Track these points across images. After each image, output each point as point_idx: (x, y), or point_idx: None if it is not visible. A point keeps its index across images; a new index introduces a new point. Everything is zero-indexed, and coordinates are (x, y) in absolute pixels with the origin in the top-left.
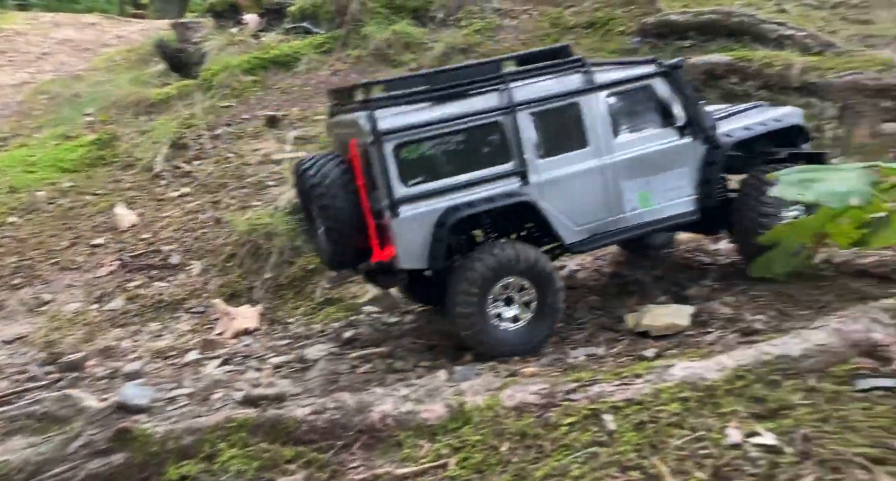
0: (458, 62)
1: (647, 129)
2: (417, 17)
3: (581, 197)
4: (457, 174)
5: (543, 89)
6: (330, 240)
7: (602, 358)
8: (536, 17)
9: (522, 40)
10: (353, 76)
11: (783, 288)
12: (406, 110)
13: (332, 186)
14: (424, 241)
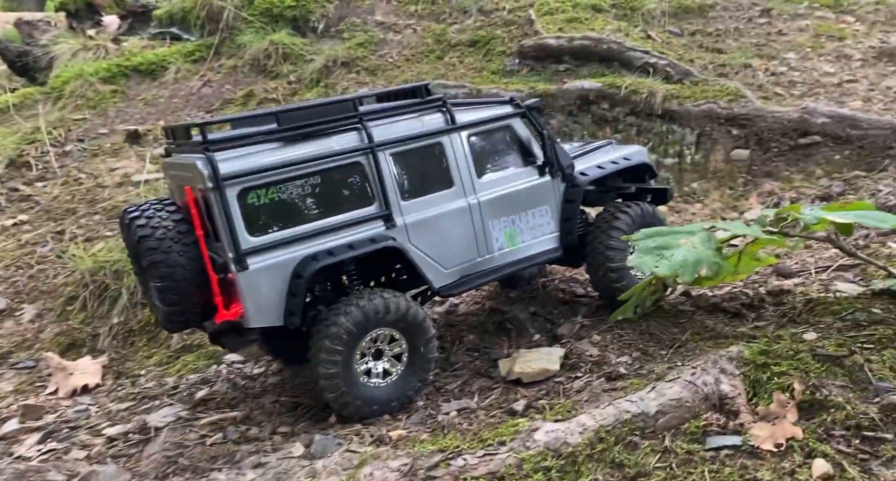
0: (340, 76)
1: (509, 168)
2: (297, 28)
3: (449, 238)
4: (314, 220)
5: (405, 128)
6: (164, 301)
7: (474, 412)
8: (420, 32)
9: (406, 56)
10: (227, 87)
11: (645, 325)
12: (251, 152)
13: (164, 239)
14: (279, 296)
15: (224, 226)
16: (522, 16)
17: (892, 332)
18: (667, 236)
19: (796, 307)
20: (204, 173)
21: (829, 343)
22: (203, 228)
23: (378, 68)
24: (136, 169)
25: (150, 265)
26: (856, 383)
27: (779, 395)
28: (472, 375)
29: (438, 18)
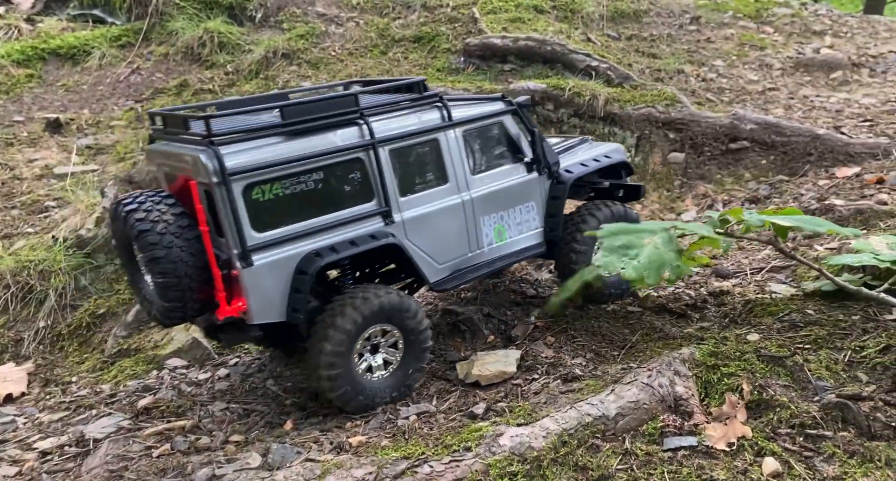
0: (281, 68)
1: (499, 165)
2: (233, 16)
3: (444, 234)
4: (316, 216)
5: (404, 124)
6: (164, 297)
7: (433, 415)
8: (363, 26)
9: (349, 49)
10: (158, 76)
11: (597, 326)
12: (256, 146)
13: (165, 233)
14: (282, 292)
15: (229, 222)
16: (466, 13)
17: (825, 333)
18: (631, 234)
19: (736, 308)
20: (209, 167)
21: (771, 344)
22: (207, 223)
23: (320, 61)
24: (59, 160)
25: (151, 261)
26: (797, 383)
27: (730, 396)
28: (429, 378)
29: (381, 12)
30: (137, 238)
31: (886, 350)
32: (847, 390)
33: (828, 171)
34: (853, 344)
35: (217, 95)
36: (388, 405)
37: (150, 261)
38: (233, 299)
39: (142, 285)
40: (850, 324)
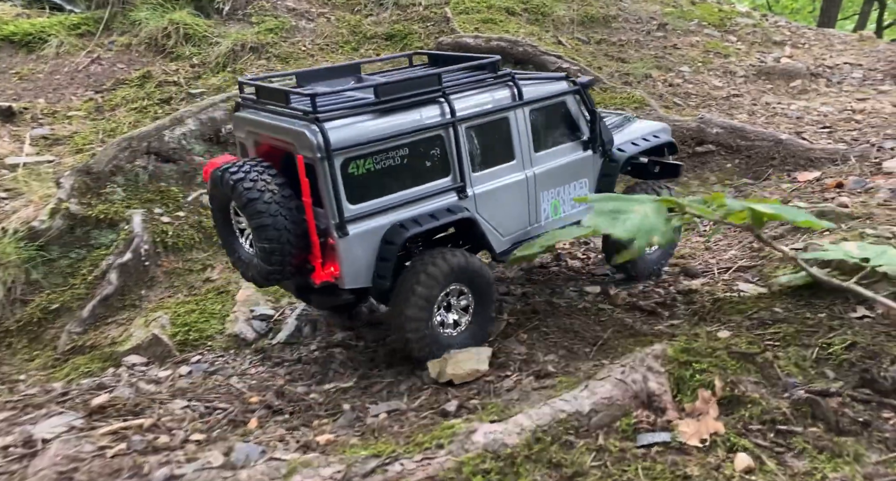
0: (249, 61)
1: (559, 143)
2: (200, 8)
3: (508, 208)
4: (399, 190)
5: (479, 102)
6: (267, 261)
7: (404, 413)
8: (334, 22)
9: (320, 45)
10: (120, 66)
11: (569, 323)
12: (353, 122)
13: (272, 203)
14: (370, 260)
15: (329, 195)
16: (439, 13)
17: (793, 330)
18: (621, 202)
19: (705, 306)
20: (314, 143)
21: (742, 340)
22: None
23: (290, 56)
24: (11, 150)
25: (259, 228)
26: (767, 379)
27: (702, 392)
28: (399, 376)
29: (353, 9)
30: (246, 206)
31: (852, 347)
32: (815, 386)
33: (790, 175)
34: (820, 341)
35: (182, 88)
36: None
37: (257, 228)
38: (326, 265)
39: (236, 247)
40: (816, 322)
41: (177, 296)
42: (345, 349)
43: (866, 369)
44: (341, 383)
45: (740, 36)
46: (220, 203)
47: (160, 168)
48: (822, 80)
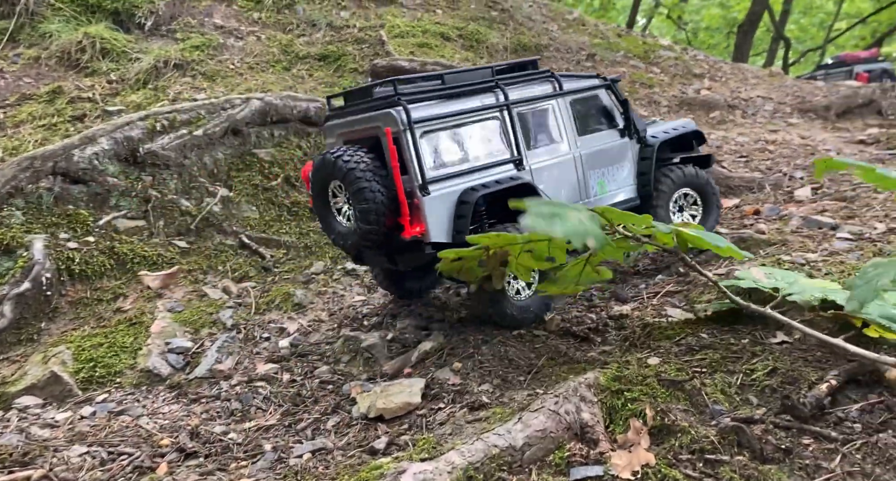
0: (172, 79)
1: (599, 130)
2: (119, 22)
3: (561, 182)
4: (469, 160)
5: (528, 92)
6: (364, 221)
7: (330, 453)
8: (265, 40)
9: (249, 63)
10: (27, 80)
11: (504, 350)
12: (426, 105)
13: (367, 170)
14: (449, 218)
15: (413, 160)
16: (373, 35)
17: (719, 356)
18: (556, 207)
19: (636, 332)
20: (399, 118)
21: (671, 367)
22: (397, 163)
23: (217, 74)
24: None
25: (357, 191)
26: (695, 406)
27: (634, 422)
28: (326, 411)
29: (285, 29)
30: (346, 175)
31: (773, 372)
32: (741, 413)
33: None
34: (744, 367)
35: (97, 104)
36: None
37: (356, 191)
38: (413, 223)
39: (335, 225)
40: (740, 348)
41: (83, 328)
42: (268, 383)
43: (787, 395)
44: (263, 421)
45: (663, 68)
46: (321, 186)
47: (68, 190)
48: (739, 111)
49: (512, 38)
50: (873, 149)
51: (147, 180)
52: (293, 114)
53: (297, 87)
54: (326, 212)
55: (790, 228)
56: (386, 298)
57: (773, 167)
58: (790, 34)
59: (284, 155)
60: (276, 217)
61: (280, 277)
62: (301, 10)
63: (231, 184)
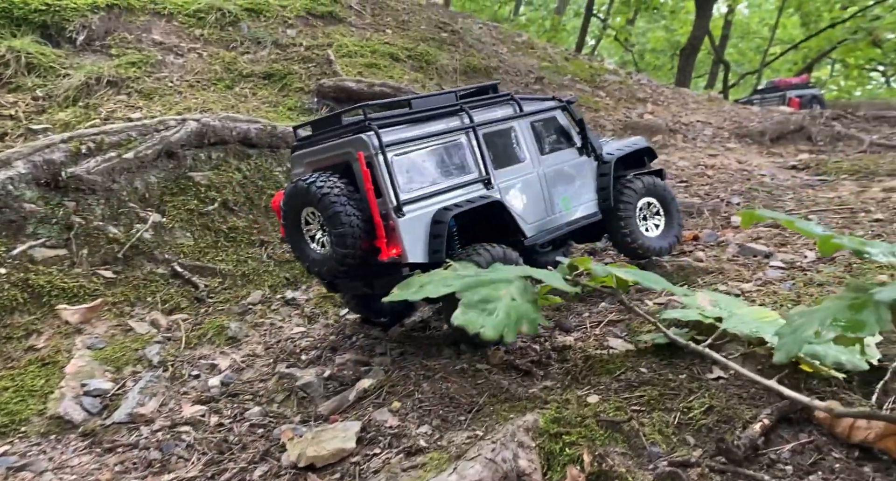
0: (105, 96)
1: (559, 149)
2: (48, 36)
3: (528, 200)
4: (440, 181)
5: (491, 115)
6: (341, 245)
7: None
8: (207, 58)
9: (189, 82)
10: None
11: (445, 388)
12: (395, 129)
13: (340, 195)
14: (425, 239)
15: (386, 182)
16: (321, 54)
17: (657, 393)
18: (488, 286)
19: (578, 364)
20: (370, 142)
21: (610, 406)
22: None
23: (154, 92)
24: None
25: (333, 216)
26: (633, 449)
27: (571, 470)
28: (254, 460)
29: (228, 46)
30: (320, 200)
31: (709, 410)
32: (677, 456)
33: None
34: (681, 405)
35: (21, 123)
36: None
37: (331, 216)
38: (390, 245)
39: (308, 252)
40: (678, 384)
41: None
42: (194, 427)
43: (721, 437)
44: (184, 472)
45: (609, 91)
46: (293, 213)
47: None
48: (680, 135)
49: (462, 60)
50: (804, 175)
51: (70, 206)
52: (232, 135)
53: (239, 107)
54: (300, 239)
55: (727, 256)
56: (326, 329)
57: (712, 192)
58: (729, 57)
59: (223, 178)
60: (212, 243)
61: (214, 308)
62: (245, 28)
63: (164, 210)
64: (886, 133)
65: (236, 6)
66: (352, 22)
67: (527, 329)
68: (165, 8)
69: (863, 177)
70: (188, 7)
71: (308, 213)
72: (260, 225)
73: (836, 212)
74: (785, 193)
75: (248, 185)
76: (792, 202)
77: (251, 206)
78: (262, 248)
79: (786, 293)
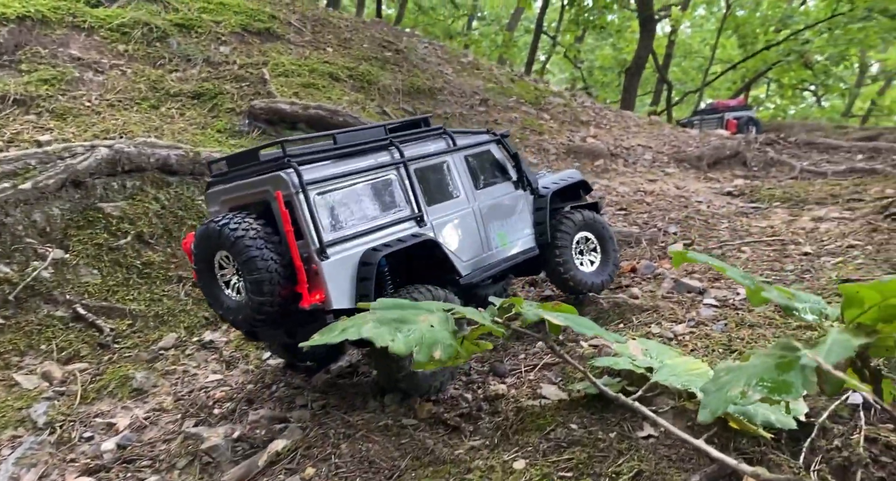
0: (11, 116)
1: (494, 183)
2: None
3: (463, 236)
4: (367, 219)
5: (423, 150)
6: (257, 292)
7: None
8: (131, 75)
9: (110, 100)
10: None
11: (366, 450)
12: (319, 165)
13: (257, 238)
14: (351, 282)
15: (308, 223)
16: (255, 73)
17: (586, 456)
18: (408, 310)
19: (509, 418)
20: (291, 181)
21: (536, 472)
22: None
23: (69, 112)
24: None
25: (248, 260)
26: None
27: None
28: None
29: (155, 63)
30: (234, 244)
31: (638, 475)
32: None
33: None
34: (610, 470)
35: None
36: None
37: (246, 261)
38: (312, 291)
39: (223, 299)
40: (607, 445)
41: None
42: None
43: None
44: None
45: (553, 114)
46: (205, 256)
47: None
48: (621, 160)
49: (405, 80)
50: (739, 202)
51: None
52: (150, 162)
53: (164, 128)
54: (213, 285)
55: (662, 292)
56: (246, 376)
57: (650, 221)
58: (673, 76)
59: (138, 209)
60: (122, 281)
61: (120, 355)
62: (175, 44)
63: (68, 245)
64: (816, 159)
65: (165, 21)
66: (290, 39)
67: (441, 354)
68: (86, 21)
69: (794, 204)
70: (111, 21)
71: (222, 257)
72: (179, 259)
73: (768, 244)
74: (720, 222)
75: (167, 216)
76: (727, 231)
77: (169, 239)
78: (179, 285)
79: (718, 335)
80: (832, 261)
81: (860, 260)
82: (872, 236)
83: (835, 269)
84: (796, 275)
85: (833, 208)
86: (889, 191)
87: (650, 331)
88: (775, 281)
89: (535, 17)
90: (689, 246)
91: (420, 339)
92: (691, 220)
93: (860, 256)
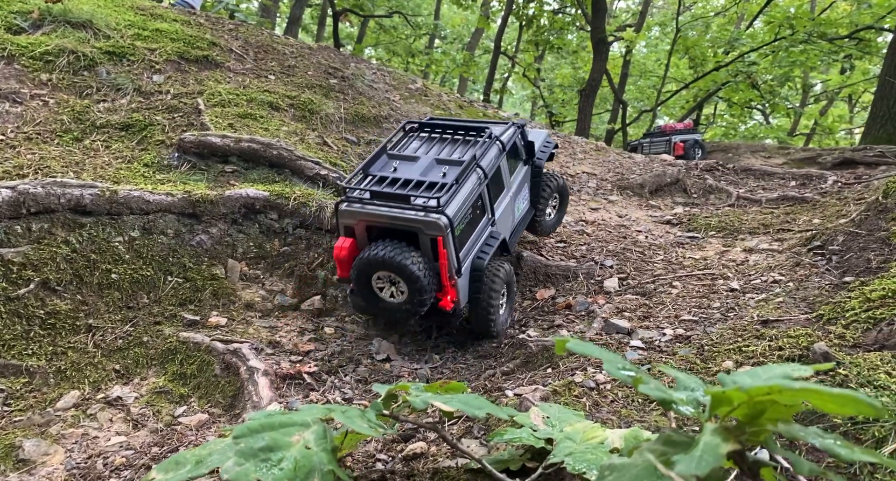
0: None
1: (517, 166)
2: None
3: (505, 217)
4: (472, 235)
5: (489, 160)
6: (416, 302)
7: None
8: (53, 106)
9: (27, 133)
10: None
11: None
12: (454, 202)
13: (418, 265)
14: (466, 286)
15: (451, 253)
16: (190, 103)
17: None
18: (278, 430)
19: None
20: (443, 224)
21: None
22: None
23: None
24: None
25: (412, 280)
26: None
27: None
28: None
29: (81, 93)
30: (402, 270)
31: None
32: None
33: (532, 292)
34: None
35: None
36: None
37: (411, 281)
38: (447, 296)
39: (382, 304)
40: None
41: None
42: None
43: None
44: None
45: None
46: (366, 273)
47: None
48: None
49: (349, 109)
50: (677, 231)
51: None
52: (60, 203)
53: (85, 163)
54: (370, 292)
55: (591, 333)
56: (152, 437)
57: (588, 254)
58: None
59: (44, 254)
60: (21, 334)
61: (9, 420)
62: (104, 72)
63: None
64: (752, 186)
65: (94, 49)
66: (230, 67)
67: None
68: (6, 49)
69: (728, 234)
70: (34, 49)
71: (379, 274)
72: (90, 306)
73: (699, 278)
74: (656, 253)
75: (78, 260)
76: (661, 263)
77: (80, 284)
78: (88, 335)
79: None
80: (756, 299)
81: (781, 297)
82: (795, 270)
83: (757, 307)
84: (721, 313)
85: (764, 238)
86: (816, 220)
87: (573, 379)
88: (702, 320)
89: (494, 38)
90: (624, 280)
91: (294, 471)
92: (629, 252)
93: (781, 293)
